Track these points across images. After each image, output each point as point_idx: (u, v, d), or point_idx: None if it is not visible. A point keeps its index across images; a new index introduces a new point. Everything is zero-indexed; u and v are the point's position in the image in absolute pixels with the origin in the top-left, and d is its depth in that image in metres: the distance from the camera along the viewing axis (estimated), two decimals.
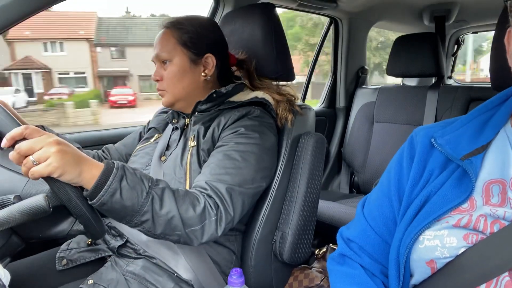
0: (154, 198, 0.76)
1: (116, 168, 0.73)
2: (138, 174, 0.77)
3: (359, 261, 0.70)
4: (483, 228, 0.55)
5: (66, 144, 0.70)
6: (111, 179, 0.71)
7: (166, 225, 0.78)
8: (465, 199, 0.57)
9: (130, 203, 0.73)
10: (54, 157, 0.66)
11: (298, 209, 1.06)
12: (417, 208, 0.62)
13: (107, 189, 0.71)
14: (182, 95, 1.02)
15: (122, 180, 0.73)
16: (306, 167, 1.07)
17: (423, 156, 0.65)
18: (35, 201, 0.66)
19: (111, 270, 0.94)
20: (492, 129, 0.61)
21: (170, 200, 0.78)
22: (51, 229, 0.82)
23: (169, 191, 0.79)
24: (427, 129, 0.68)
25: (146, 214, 0.75)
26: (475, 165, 0.58)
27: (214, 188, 0.85)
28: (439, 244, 0.57)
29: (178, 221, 0.78)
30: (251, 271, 1.06)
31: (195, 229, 0.81)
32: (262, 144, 0.95)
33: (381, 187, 0.72)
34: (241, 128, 0.94)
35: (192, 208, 0.80)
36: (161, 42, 1.01)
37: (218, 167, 0.89)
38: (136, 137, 1.22)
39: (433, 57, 1.88)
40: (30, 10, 0.72)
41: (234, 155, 0.90)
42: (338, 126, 2.35)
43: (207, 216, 0.82)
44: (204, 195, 0.84)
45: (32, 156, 0.65)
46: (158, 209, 0.76)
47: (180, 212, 0.78)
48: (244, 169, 0.90)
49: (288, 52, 1.18)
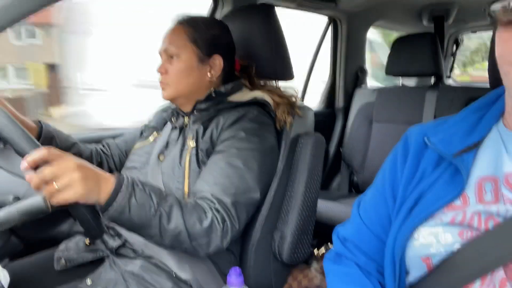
0: (162, 215, 0.79)
1: (126, 185, 0.75)
2: (147, 190, 0.79)
3: (355, 260, 0.71)
4: (477, 225, 0.55)
5: (86, 166, 0.72)
6: (120, 197, 0.74)
7: (173, 239, 0.81)
8: (457, 195, 0.58)
9: (138, 219, 0.76)
10: (78, 185, 0.68)
11: (297, 209, 1.06)
12: (411, 205, 0.62)
13: (116, 207, 0.74)
14: (184, 91, 1.02)
15: (131, 198, 0.75)
16: (305, 167, 1.07)
17: (416, 155, 0.66)
18: (34, 201, 0.66)
19: (110, 270, 0.93)
20: (485, 127, 0.61)
21: (177, 216, 0.80)
22: (51, 230, 0.82)
23: (177, 207, 0.81)
24: (420, 128, 0.68)
25: (154, 229, 0.79)
26: (466, 161, 0.59)
27: (220, 203, 0.86)
28: (434, 241, 0.57)
29: (185, 235, 0.81)
30: (250, 271, 1.06)
31: (201, 243, 0.84)
32: (263, 148, 0.96)
33: (375, 186, 0.73)
34: (241, 132, 0.94)
35: (199, 223, 0.82)
36: (171, 37, 1.01)
37: (221, 176, 0.89)
38: (137, 135, 1.21)
39: (432, 57, 1.89)
40: (30, 10, 0.72)
41: (237, 163, 0.91)
42: (337, 126, 2.35)
43: (214, 230, 0.84)
44: (212, 209, 0.85)
45: (57, 183, 0.66)
46: (165, 224, 0.79)
47: (187, 227, 0.81)
48: (247, 176, 0.91)
49: (287, 51, 1.18)
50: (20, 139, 0.67)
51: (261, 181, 0.94)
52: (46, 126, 1.02)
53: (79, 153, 1.09)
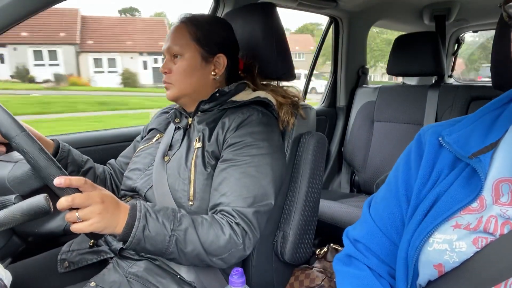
0: (178, 240, 0.81)
1: (138, 219, 0.78)
2: (160, 218, 0.81)
3: (366, 262, 0.69)
4: (493, 230, 0.54)
5: (107, 199, 0.75)
6: (134, 231, 0.77)
7: (194, 259, 0.84)
8: (474, 198, 0.56)
9: (154, 248, 0.80)
10: (97, 218, 0.72)
11: (299, 209, 1.06)
12: (427, 208, 0.61)
13: (132, 240, 0.77)
14: (188, 90, 1.02)
15: (145, 230, 0.78)
16: (307, 167, 1.07)
17: (431, 155, 0.64)
18: (35, 201, 0.66)
19: (114, 272, 0.93)
20: (501, 127, 0.60)
21: (193, 239, 0.83)
22: (47, 225, 0.82)
23: (192, 230, 0.83)
24: (434, 128, 0.67)
25: (172, 254, 0.82)
26: (484, 163, 0.57)
27: (241, 216, 0.87)
28: (448, 248, 0.56)
29: (203, 255, 0.84)
30: (253, 271, 1.06)
31: (223, 257, 0.86)
32: (272, 150, 0.96)
33: (388, 186, 0.71)
34: (248, 138, 0.94)
35: (216, 241, 0.84)
36: (174, 36, 1.01)
37: (239, 187, 0.89)
38: (137, 146, 1.19)
39: (433, 56, 1.88)
40: (30, 10, 0.72)
41: (251, 171, 0.91)
42: (339, 125, 2.35)
43: (234, 245, 0.86)
44: (232, 223, 0.86)
45: (78, 213, 0.71)
46: (182, 248, 0.82)
47: (205, 248, 0.83)
48: (263, 182, 0.92)
49: (288, 51, 1.18)
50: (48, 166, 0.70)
51: (276, 184, 0.95)
52: (62, 144, 1.03)
53: (93, 171, 1.11)
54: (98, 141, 1.41)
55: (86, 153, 1.13)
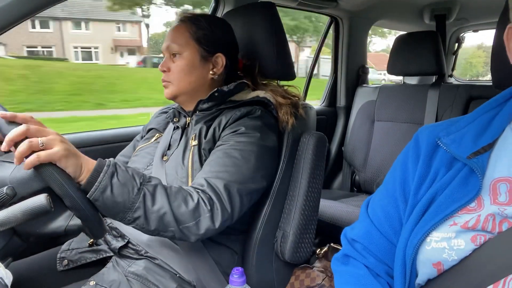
0: (145, 195, 0.77)
1: (107, 165, 0.75)
2: (130, 171, 0.78)
3: (363, 262, 0.69)
4: (491, 228, 0.54)
5: (66, 140, 0.73)
6: (102, 176, 0.73)
7: (159, 221, 0.79)
8: (472, 198, 0.57)
9: (121, 199, 0.75)
10: (61, 146, 0.69)
11: (299, 208, 1.06)
12: (424, 208, 0.61)
13: (98, 186, 0.72)
14: (187, 89, 1.02)
15: (113, 177, 0.74)
16: (307, 166, 1.06)
17: (428, 156, 0.64)
18: (36, 201, 0.66)
19: (113, 271, 0.93)
20: (497, 128, 0.60)
21: (162, 197, 0.79)
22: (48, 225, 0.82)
23: (161, 188, 0.80)
24: (431, 128, 0.67)
25: (138, 210, 0.77)
26: (481, 163, 0.57)
27: (211, 184, 0.85)
28: (447, 247, 0.56)
29: (170, 217, 0.79)
30: (253, 270, 1.06)
31: (189, 226, 0.82)
32: (263, 144, 0.95)
33: (386, 186, 0.71)
34: (241, 128, 0.94)
35: (184, 204, 0.81)
36: (174, 34, 1.01)
37: (217, 164, 0.89)
38: (136, 145, 1.20)
39: (433, 56, 1.88)
40: (30, 10, 0.72)
41: (234, 153, 0.90)
42: (339, 125, 2.35)
43: (201, 212, 0.82)
44: (199, 191, 0.84)
45: (41, 139, 0.67)
46: (150, 205, 0.78)
47: (172, 209, 0.79)
48: (243, 167, 0.90)
49: (288, 51, 1.18)
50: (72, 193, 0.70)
51: (258, 175, 0.93)
52: None
53: None
54: (98, 141, 1.42)
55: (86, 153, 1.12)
